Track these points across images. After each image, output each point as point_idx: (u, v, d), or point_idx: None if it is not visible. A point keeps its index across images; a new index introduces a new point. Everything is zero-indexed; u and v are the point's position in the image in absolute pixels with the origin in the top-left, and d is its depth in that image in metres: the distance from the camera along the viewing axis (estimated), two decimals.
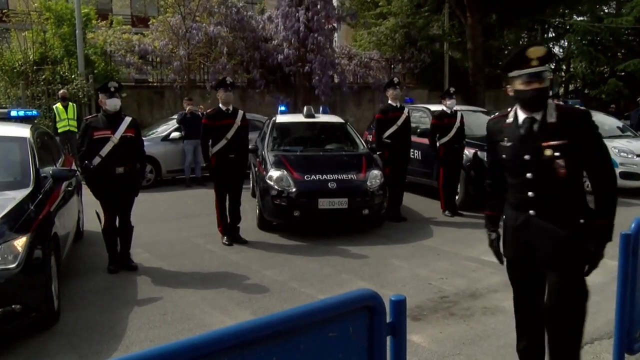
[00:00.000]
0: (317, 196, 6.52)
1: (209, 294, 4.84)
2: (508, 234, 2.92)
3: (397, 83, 7.89)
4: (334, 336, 1.90)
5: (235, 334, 1.62)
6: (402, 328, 2.09)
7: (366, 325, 1.99)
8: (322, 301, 1.90)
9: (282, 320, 1.75)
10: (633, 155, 9.80)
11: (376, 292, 1.98)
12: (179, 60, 14.48)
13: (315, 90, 15.31)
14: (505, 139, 2.81)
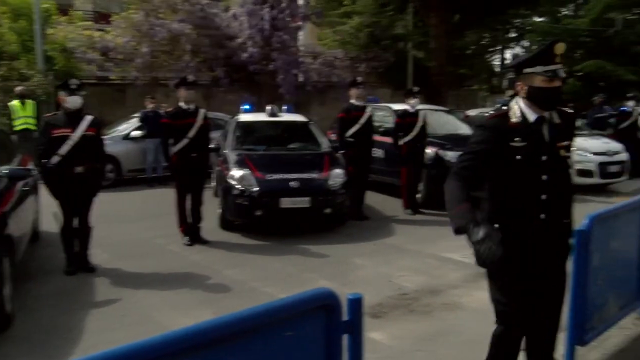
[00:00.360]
0: (280, 195, 6.52)
1: (169, 295, 4.79)
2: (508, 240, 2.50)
3: (360, 82, 7.96)
4: (291, 336, 1.90)
5: (190, 335, 1.60)
6: (358, 326, 2.11)
7: (323, 324, 2.00)
8: (278, 301, 1.90)
9: (238, 320, 1.74)
10: (588, 153, 10.13)
11: (333, 291, 1.99)
12: (141, 58, 14.20)
13: (280, 89, 15.26)
14: (517, 139, 2.59)
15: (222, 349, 1.70)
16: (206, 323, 1.68)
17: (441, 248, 6.14)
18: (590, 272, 3.28)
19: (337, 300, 1.99)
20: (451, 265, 5.56)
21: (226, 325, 1.71)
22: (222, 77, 14.95)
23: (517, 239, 2.59)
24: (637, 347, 3.65)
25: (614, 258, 3.60)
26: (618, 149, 10.56)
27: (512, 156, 2.60)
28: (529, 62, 2.62)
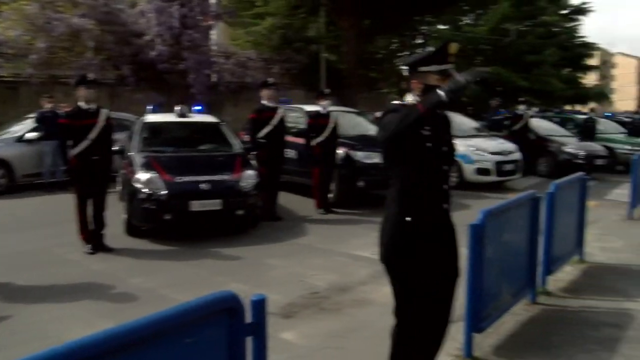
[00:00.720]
0: (189, 198, 6.37)
1: (68, 307, 4.51)
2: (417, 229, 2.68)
3: (271, 83, 7.98)
4: (191, 342, 1.87)
5: (80, 348, 1.54)
6: (262, 328, 2.13)
7: (226, 327, 1.99)
8: (176, 307, 1.85)
9: (135, 329, 1.69)
10: (486, 153, 10.81)
11: (235, 294, 1.99)
12: (37, 54, 13.25)
13: (191, 89, 14.90)
14: (427, 127, 2.65)
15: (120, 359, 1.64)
16: (99, 334, 1.61)
17: (352, 246, 6.30)
18: (485, 264, 3.52)
19: (239, 303, 1.99)
20: (361, 263, 5.71)
21: (122, 334, 1.66)
22: (128, 76, 14.31)
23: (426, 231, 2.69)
24: (527, 331, 3.94)
25: (506, 249, 3.88)
26: (512, 149, 11.38)
27: (422, 143, 2.65)
28: (425, 61, 2.75)
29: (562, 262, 5.08)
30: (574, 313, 4.28)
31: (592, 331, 3.92)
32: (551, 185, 4.72)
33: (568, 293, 4.76)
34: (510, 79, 23.21)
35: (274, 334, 3.93)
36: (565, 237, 5.08)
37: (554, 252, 4.74)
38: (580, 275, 5.28)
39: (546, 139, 13.39)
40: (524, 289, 4.28)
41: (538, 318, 4.18)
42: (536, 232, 4.32)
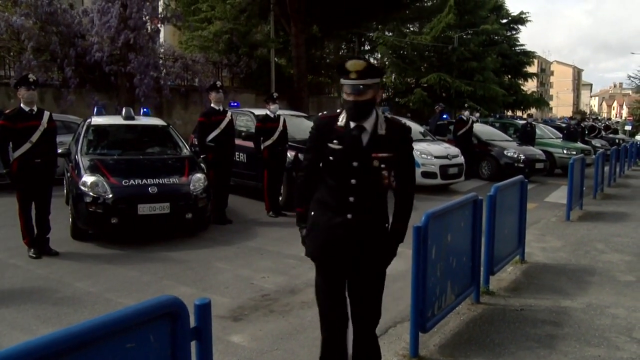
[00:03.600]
0: (137, 202, 6.25)
1: (9, 312, 4.35)
2: (319, 232, 2.94)
3: (219, 87, 7.94)
4: (132, 347, 1.84)
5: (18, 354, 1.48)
6: (207, 332, 2.11)
7: (168, 332, 1.96)
8: (117, 311, 1.82)
9: (70, 335, 1.64)
10: (432, 156, 11.13)
11: (177, 298, 1.97)
12: None
13: (137, 91, 14.58)
14: (335, 141, 2.79)
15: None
16: (34, 341, 1.55)
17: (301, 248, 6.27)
18: (429, 264, 3.63)
19: (183, 307, 1.97)
20: (310, 265, 5.65)
21: (61, 339, 1.61)
22: (70, 77, 13.85)
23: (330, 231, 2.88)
24: (470, 330, 4.08)
25: (450, 250, 4.00)
26: (456, 153, 11.77)
27: (327, 156, 2.83)
28: (338, 73, 2.81)
29: (504, 262, 5.28)
30: (515, 312, 4.46)
31: (532, 329, 4.10)
32: (492, 187, 4.92)
33: (510, 292, 4.96)
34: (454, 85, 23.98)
35: (223, 337, 3.93)
36: (506, 238, 5.29)
37: (496, 253, 4.94)
38: (521, 274, 5.53)
39: (488, 144, 13.92)
40: (468, 289, 4.42)
41: (481, 317, 4.34)
42: (478, 233, 4.48)
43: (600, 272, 5.66)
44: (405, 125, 2.92)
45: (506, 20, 32.09)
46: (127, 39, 14.01)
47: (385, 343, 3.86)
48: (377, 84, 2.78)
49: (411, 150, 2.97)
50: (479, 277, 4.62)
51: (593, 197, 10.45)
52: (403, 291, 4.88)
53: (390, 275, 5.46)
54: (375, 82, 2.75)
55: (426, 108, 24.04)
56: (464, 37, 25.28)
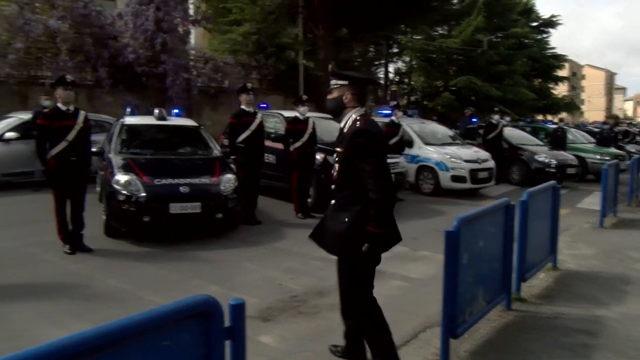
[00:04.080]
0: (168, 201, 6.35)
1: (45, 307, 4.47)
2: None
3: (249, 88, 8.02)
4: (167, 345, 1.86)
5: (55, 349, 1.52)
6: (240, 332, 2.12)
7: (203, 331, 1.98)
8: (153, 309, 1.84)
9: (110, 331, 1.68)
10: (461, 160, 11.01)
11: (212, 297, 1.98)
12: (15, 54, 13.07)
13: (168, 92, 14.83)
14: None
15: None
16: (75, 336, 1.60)
17: None
18: (460, 270, 3.59)
19: (217, 307, 1.99)
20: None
21: (97, 336, 1.64)
22: (104, 78, 14.18)
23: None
24: (501, 337, 4.02)
25: (481, 256, 3.95)
26: (486, 157, 11.61)
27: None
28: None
29: (535, 269, 5.20)
30: (547, 320, 4.37)
31: (565, 338, 4.01)
32: (524, 193, 4.84)
33: (541, 300, 4.87)
34: (483, 89, 23.67)
35: (252, 337, 3.95)
36: (538, 244, 5.21)
37: (527, 259, 4.85)
38: (553, 282, 5.42)
39: (518, 148, 13.70)
40: (499, 296, 4.36)
41: (512, 324, 4.27)
42: (510, 239, 4.41)
43: (635, 281, 5.51)
44: (355, 128, 3.13)
45: (536, 23, 31.55)
46: (162, 41, 14.26)
47: (414, 348, 3.84)
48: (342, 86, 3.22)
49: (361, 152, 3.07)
50: (510, 283, 4.55)
51: (627, 204, 10.18)
52: (431, 296, 4.84)
53: (419, 279, 5.49)
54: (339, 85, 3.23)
55: (454, 112, 23.80)
56: (493, 40, 24.95)
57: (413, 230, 7.69)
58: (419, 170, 11.35)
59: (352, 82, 3.24)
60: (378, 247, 3.13)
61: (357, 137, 3.10)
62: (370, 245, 3.07)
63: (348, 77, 3.25)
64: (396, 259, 6.23)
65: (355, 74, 3.38)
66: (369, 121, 3.22)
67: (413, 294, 5.11)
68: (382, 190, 3.02)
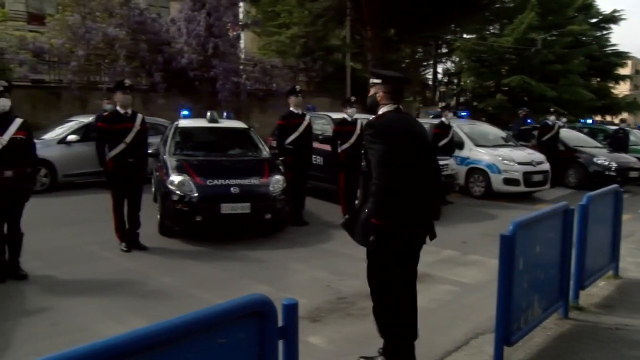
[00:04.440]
0: (220, 201, 6.48)
1: (103, 302, 4.65)
2: None
3: (298, 91, 8.08)
4: (223, 343, 1.90)
5: (119, 344, 1.58)
6: (293, 332, 2.15)
7: (257, 330, 2.01)
8: (210, 308, 1.88)
9: (169, 328, 1.72)
10: (514, 163, 10.69)
11: (267, 297, 2.01)
12: (76, 61, 13.71)
13: (219, 95, 15.16)
14: None
15: (153, 356, 1.68)
16: (136, 331, 1.65)
17: None
18: (516, 276, 3.48)
19: (272, 306, 2.01)
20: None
21: (157, 332, 1.69)
22: (158, 82, 14.66)
23: None
24: (558, 346, 3.87)
25: (538, 262, 3.82)
26: (541, 159, 11.23)
27: None
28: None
29: (595, 277, 4.98)
30: (608, 330, 4.18)
31: (629, 350, 3.82)
32: (584, 197, 4.64)
33: (601, 309, 4.65)
34: (538, 89, 22.90)
35: (301, 337, 3.90)
36: (598, 251, 4.99)
37: (587, 266, 4.66)
38: (614, 291, 5.17)
39: (575, 150, 13.19)
40: (556, 303, 4.21)
41: (570, 334, 4.10)
42: (569, 245, 4.25)
43: None
44: (368, 121, 3.34)
45: (596, 19, 30.26)
46: (214, 46, 14.60)
47: (466, 354, 3.76)
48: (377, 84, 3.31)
49: (366, 140, 3.24)
50: (568, 291, 4.38)
51: None
52: (484, 302, 4.73)
53: (469, 284, 5.38)
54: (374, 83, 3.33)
55: (506, 113, 23.17)
56: (548, 39, 24.13)
57: (463, 234, 7.55)
58: (469, 172, 11.10)
59: (385, 81, 3.32)
60: (386, 240, 3.16)
61: (366, 129, 3.26)
62: (375, 238, 3.13)
63: (381, 76, 3.34)
64: (445, 263, 6.13)
65: (388, 73, 3.43)
66: (391, 116, 3.26)
67: (464, 299, 4.99)
68: (382, 181, 3.08)
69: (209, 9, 14.72)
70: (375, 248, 3.19)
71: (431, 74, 28.45)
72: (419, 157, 3.29)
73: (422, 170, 3.29)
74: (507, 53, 24.73)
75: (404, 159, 3.16)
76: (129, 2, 14.80)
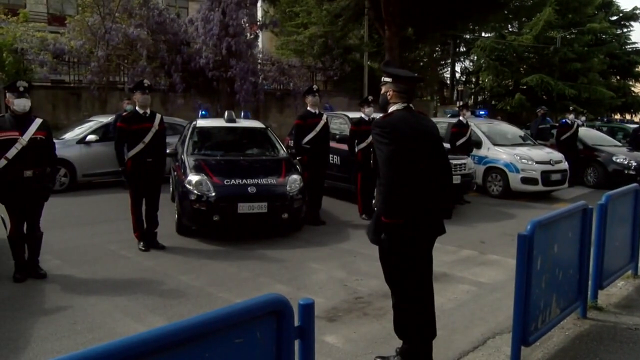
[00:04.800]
0: (237, 200, 6.52)
1: (121, 301, 4.71)
2: None
3: (315, 90, 8.09)
4: (240, 342, 1.91)
5: (136, 343, 1.60)
6: (310, 331, 2.15)
7: (274, 329, 2.02)
8: (227, 307, 1.90)
9: (186, 327, 1.74)
10: (532, 162, 10.59)
11: (284, 297, 2.02)
12: (96, 61, 13.91)
13: (237, 95, 15.25)
14: None
15: (171, 355, 1.70)
16: (153, 331, 1.68)
17: None
18: (534, 276, 3.45)
19: (288, 306, 2.02)
20: None
21: (175, 332, 1.71)
22: (177, 82, 14.80)
23: None
24: (576, 347, 3.83)
25: (556, 261, 3.78)
26: (560, 158, 11.10)
27: None
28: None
29: (614, 277, 4.92)
30: (628, 331, 4.12)
31: None
32: (603, 196, 4.59)
33: (621, 309, 4.60)
34: (557, 87, 22.60)
35: (318, 337, 3.94)
36: (618, 251, 4.92)
37: (605, 266, 4.60)
38: (634, 290, 5.10)
39: (594, 149, 13.00)
40: (574, 303, 4.16)
41: (588, 334, 4.06)
42: (587, 245, 4.20)
43: None
44: (376, 120, 3.34)
45: (616, 17, 29.76)
46: (229, 46, 14.69)
47: (484, 355, 3.75)
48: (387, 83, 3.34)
49: (374, 140, 3.26)
50: (586, 291, 4.34)
51: None
52: (502, 302, 4.71)
53: (488, 284, 5.35)
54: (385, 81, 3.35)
55: (525, 112, 22.90)
56: (567, 37, 23.78)
57: (481, 234, 7.50)
58: (487, 171, 11.02)
59: (395, 79, 3.33)
60: (397, 239, 3.18)
61: (374, 128, 3.26)
62: (386, 235, 3.18)
63: (392, 74, 3.35)
64: (464, 263, 6.11)
65: (399, 72, 3.44)
66: (400, 115, 3.27)
67: (482, 299, 4.97)
68: (390, 180, 3.10)
69: (224, 8, 14.81)
70: (387, 246, 3.23)
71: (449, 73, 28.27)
72: (429, 156, 3.29)
73: (432, 169, 3.28)
74: (526, 52, 24.45)
75: (412, 157, 3.17)
76: (148, 2, 14.94)
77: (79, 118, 13.21)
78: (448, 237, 7.26)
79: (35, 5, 23.78)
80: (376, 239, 3.26)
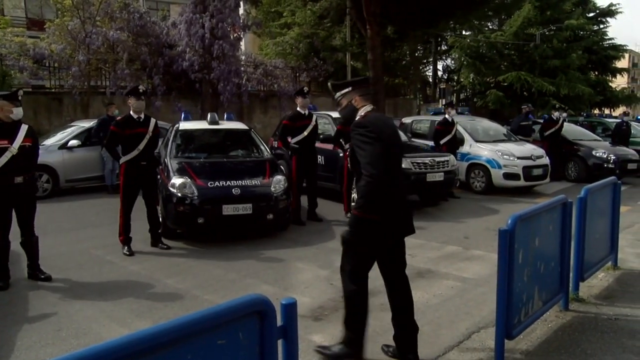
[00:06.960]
0: (221, 202, 6.52)
1: (107, 306, 4.68)
2: None
3: (306, 92, 8.13)
4: (223, 343, 1.92)
5: (117, 347, 1.60)
6: (293, 331, 2.16)
7: (257, 330, 2.03)
8: (209, 309, 1.90)
9: (166, 330, 1.74)
10: (514, 157, 10.72)
11: (265, 297, 2.03)
12: (77, 66, 13.78)
13: (220, 97, 15.21)
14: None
15: (154, 359, 1.70)
16: (137, 333, 1.68)
17: None
18: (516, 270, 3.51)
19: (270, 306, 2.03)
20: None
21: (157, 334, 1.72)
22: (158, 85, 14.70)
23: None
24: (559, 338, 3.91)
25: (538, 255, 3.84)
26: (541, 153, 11.25)
27: None
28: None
29: (595, 268, 5.01)
30: (608, 321, 4.21)
31: (629, 340, 3.85)
32: (583, 189, 4.67)
33: (602, 300, 4.69)
34: (536, 84, 22.87)
35: (304, 336, 4.00)
36: (597, 243, 5.02)
37: (586, 258, 4.69)
38: (614, 281, 5.21)
39: (575, 144, 13.21)
40: (556, 296, 4.23)
41: (571, 325, 4.14)
42: (568, 238, 4.27)
43: None
44: (356, 121, 3.43)
45: (593, 13, 30.18)
46: (220, 48, 14.65)
47: (468, 349, 3.79)
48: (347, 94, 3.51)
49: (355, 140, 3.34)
50: (568, 283, 4.41)
51: None
52: (486, 296, 4.77)
53: (472, 279, 5.41)
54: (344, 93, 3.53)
55: (505, 109, 23.12)
56: (546, 34, 24.07)
57: (465, 230, 7.57)
58: (470, 168, 11.14)
59: (355, 86, 3.54)
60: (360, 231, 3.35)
61: (355, 129, 3.36)
62: (351, 228, 3.37)
63: (350, 83, 3.59)
64: (448, 259, 6.17)
65: (354, 79, 3.69)
66: (374, 115, 3.44)
67: (467, 294, 5.03)
68: (372, 178, 3.18)
69: (213, 12, 14.76)
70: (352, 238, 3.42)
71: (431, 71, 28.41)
72: (399, 154, 3.53)
73: (399, 167, 3.53)
74: (506, 49, 24.70)
75: (390, 155, 3.32)
76: (128, 6, 14.84)
77: (61, 123, 13.08)
78: (432, 234, 7.36)
79: (14, 10, 23.46)
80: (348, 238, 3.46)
